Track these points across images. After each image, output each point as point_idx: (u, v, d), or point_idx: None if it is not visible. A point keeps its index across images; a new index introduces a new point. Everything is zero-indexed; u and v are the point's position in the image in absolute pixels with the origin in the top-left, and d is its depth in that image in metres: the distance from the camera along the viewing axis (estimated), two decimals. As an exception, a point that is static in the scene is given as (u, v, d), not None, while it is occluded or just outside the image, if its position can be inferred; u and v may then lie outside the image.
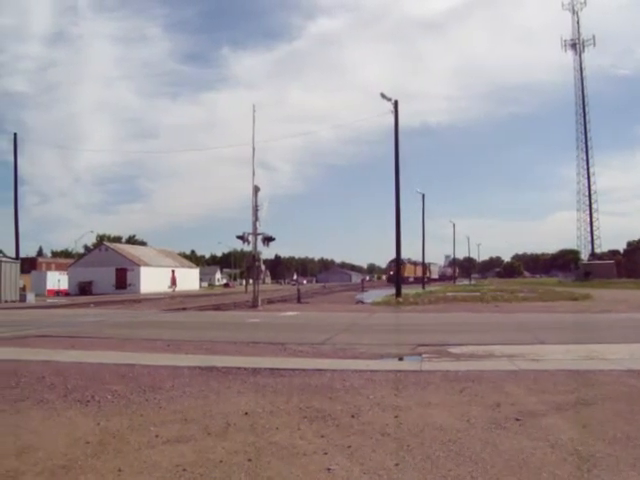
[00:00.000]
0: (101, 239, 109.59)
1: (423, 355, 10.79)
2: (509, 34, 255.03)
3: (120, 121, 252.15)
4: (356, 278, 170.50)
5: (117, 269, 71.72)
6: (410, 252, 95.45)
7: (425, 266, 77.90)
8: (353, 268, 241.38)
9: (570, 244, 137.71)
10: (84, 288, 66.90)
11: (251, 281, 32.52)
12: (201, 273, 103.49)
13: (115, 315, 25.07)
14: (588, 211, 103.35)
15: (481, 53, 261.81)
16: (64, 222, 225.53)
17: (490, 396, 6.97)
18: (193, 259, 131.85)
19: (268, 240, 30.71)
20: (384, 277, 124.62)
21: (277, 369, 9.03)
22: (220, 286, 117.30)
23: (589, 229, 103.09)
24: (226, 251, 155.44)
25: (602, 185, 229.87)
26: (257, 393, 7.34)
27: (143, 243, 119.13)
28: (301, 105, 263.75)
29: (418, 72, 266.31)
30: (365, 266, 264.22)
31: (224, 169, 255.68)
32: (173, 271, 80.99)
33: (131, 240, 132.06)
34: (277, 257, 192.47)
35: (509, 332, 14.94)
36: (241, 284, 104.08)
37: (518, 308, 25.10)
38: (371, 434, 5.39)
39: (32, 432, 5.59)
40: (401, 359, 10.79)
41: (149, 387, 7.71)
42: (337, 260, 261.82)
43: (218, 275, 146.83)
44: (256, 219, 29.96)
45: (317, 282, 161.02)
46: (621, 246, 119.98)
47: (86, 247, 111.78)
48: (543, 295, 36.29)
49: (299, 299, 35.93)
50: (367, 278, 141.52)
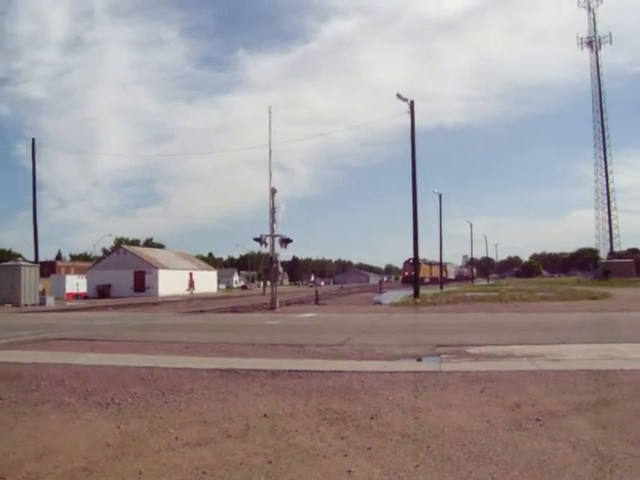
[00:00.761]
0: (119, 242, 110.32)
1: (442, 356, 10.73)
2: (524, 33, 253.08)
3: (137, 125, 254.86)
4: (374, 279, 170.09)
5: (135, 272, 72.11)
6: (427, 252, 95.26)
7: (442, 266, 77.63)
8: (371, 269, 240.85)
9: (589, 243, 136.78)
10: (103, 291, 67.30)
11: (269, 283, 32.53)
12: (219, 275, 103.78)
13: (133, 318, 25.22)
14: (607, 209, 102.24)
15: (496, 53, 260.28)
16: (82, 226, 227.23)
17: (510, 397, 6.91)
18: (211, 262, 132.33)
19: (285, 242, 30.71)
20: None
21: (296, 371, 9.02)
22: (238, 288, 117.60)
23: (608, 228, 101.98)
24: (243, 253, 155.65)
25: (620, 183, 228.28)
26: (276, 395, 7.34)
27: (161, 246, 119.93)
28: (316, 107, 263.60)
29: (433, 73, 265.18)
30: (383, 267, 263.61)
31: (241, 172, 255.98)
32: (191, 274, 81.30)
33: (149, 243, 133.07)
34: (294, 259, 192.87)
35: (528, 332, 14.83)
36: (259, 286, 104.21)
37: (537, 308, 24.93)
38: (391, 435, 5.37)
39: (52, 435, 5.63)
40: (420, 360, 10.73)
41: (168, 389, 7.73)
42: (354, 261, 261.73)
43: (236, 277, 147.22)
44: (273, 221, 29.98)
45: (334, 283, 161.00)
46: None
47: (104, 250, 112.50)
48: (562, 294, 36.00)
49: (317, 300, 35.93)
50: (385, 279, 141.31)
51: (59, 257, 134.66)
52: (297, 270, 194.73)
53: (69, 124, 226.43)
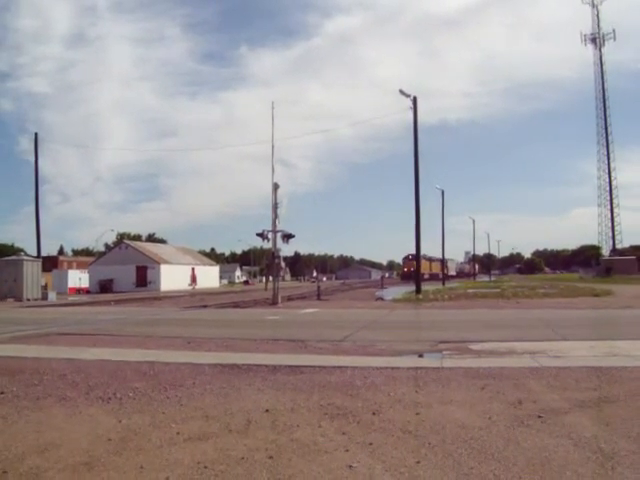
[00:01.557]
0: (121, 237, 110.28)
1: (444, 352, 10.73)
2: (528, 30, 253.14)
3: (139, 120, 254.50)
4: (376, 275, 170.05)
5: (137, 267, 72.08)
6: (429, 248, 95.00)
7: (443, 262, 77.62)
8: (373, 265, 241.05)
9: (591, 240, 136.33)
10: (105, 286, 67.40)
11: (271, 278, 32.46)
12: (221, 271, 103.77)
13: (136, 313, 25.25)
14: (609, 206, 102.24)
15: (500, 49, 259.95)
16: (85, 221, 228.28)
17: (512, 393, 6.91)
18: (213, 257, 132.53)
19: (288, 237, 30.66)
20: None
21: (297, 366, 9.03)
22: (240, 283, 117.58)
23: (610, 224, 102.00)
24: (246, 249, 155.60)
25: (623, 180, 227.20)
26: (278, 390, 7.34)
27: (163, 241, 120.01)
28: (319, 103, 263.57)
29: (437, 69, 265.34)
30: (385, 263, 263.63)
31: (244, 167, 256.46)
32: (193, 269, 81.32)
33: (151, 238, 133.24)
34: (297, 254, 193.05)
35: (530, 328, 14.82)
36: (261, 281, 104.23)
37: (539, 304, 24.89)
38: (392, 431, 5.37)
39: (54, 429, 5.64)
40: (422, 356, 10.73)
41: (170, 384, 7.74)
42: (356, 257, 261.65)
43: (238, 272, 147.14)
44: (276, 216, 29.94)
45: (337, 279, 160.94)
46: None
47: (107, 245, 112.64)
48: (564, 291, 35.96)
49: (319, 296, 35.92)
50: (387, 275, 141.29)
51: (61, 252, 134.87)
52: (299, 265, 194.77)
53: (72, 119, 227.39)
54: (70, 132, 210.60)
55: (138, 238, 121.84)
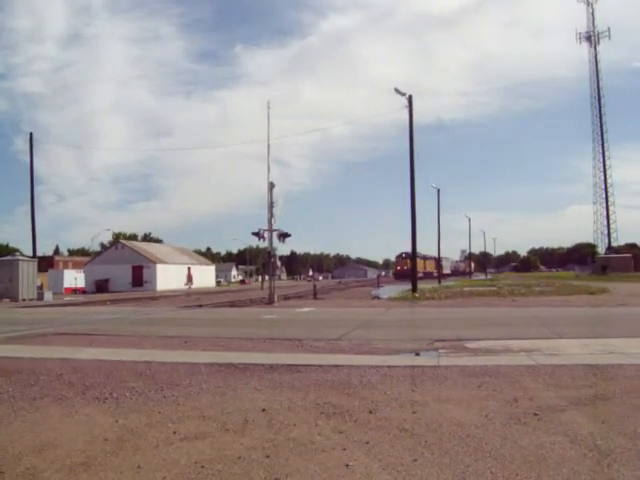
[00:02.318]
0: (117, 237, 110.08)
1: (440, 350, 10.74)
2: (523, 28, 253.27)
3: (135, 120, 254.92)
4: (372, 274, 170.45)
5: (133, 267, 72.06)
6: (424, 247, 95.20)
7: (437, 261, 77.62)
8: (369, 264, 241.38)
9: (587, 238, 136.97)
10: (101, 286, 67.36)
11: (267, 277, 32.50)
12: (217, 270, 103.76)
13: (132, 312, 25.23)
14: (604, 204, 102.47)
15: (495, 48, 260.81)
16: (80, 221, 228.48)
17: (508, 391, 6.92)
18: (209, 256, 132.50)
19: (284, 236, 30.65)
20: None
21: (294, 365, 9.03)
22: (236, 283, 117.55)
23: (606, 222, 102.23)
24: (242, 248, 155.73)
25: (618, 178, 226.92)
26: (274, 389, 7.34)
27: (159, 241, 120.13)
28: (315, 102, 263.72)
29: (432, 68, 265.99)
30: (381, 262, 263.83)
31: (239, 166, 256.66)
32: (189, 268, 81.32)
33: (147, 238, 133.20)
34: (293, 253, 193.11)
35: (526, 326, 14.84)
36: (257, 280, 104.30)
37: (535, 302, 24.93)
38: (389, 430, 5.37)
39: (51, 429, 5.63)
40: (418, 354, 10.73)
41: (167, 384, 7.73)
42: (353, 256, 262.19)
43: (234, 272, 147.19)
44: (271, 215, 29.92)
45: (333, 278, 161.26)
46: (638, 239, 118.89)
47: (102, 245, 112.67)
48: (560, 289, 36.04)
49: (315, 295, 35.92)
50: (383, 274, 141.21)
51: (57, 252, 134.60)
52: (295, 265, 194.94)
53: (67, 119, 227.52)
54: (65, 132, 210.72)
55: (134, 238, 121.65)
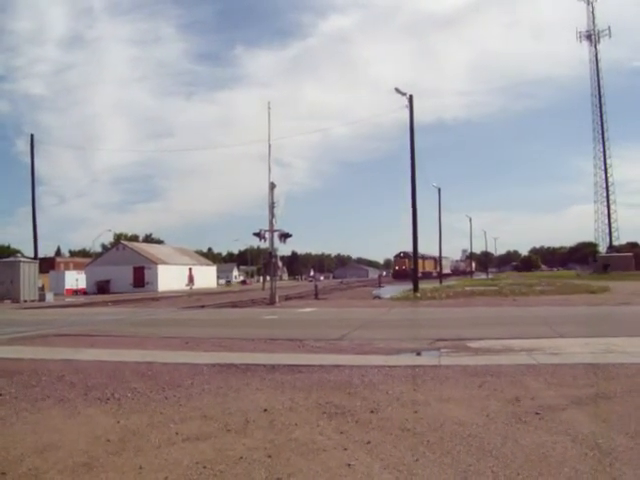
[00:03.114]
0: (118, 238, 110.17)
1: (441, 350, 10.75)
2: (524, 28, 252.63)
3: (136, 121, 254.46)
4: (373, 274, 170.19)
5: (134, 267, 71.95)
6: (426, 247, 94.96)
7: (436, 260, 77.42)
8: (370, 264, 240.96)
9: (588, 237, 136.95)
10: (102, 287, 67.30)
11: (268, 278, 32.48)
12: (218, 270, 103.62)
13: (133, 313, 25.23)
14: (606, 203, 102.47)
15: (496, 48, 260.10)
16: (82, 222, 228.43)
17: (509, 390, 6.93)
18: (210, 257, 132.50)
19: (285, 237, 30.64)
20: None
21: (295, 365, 9.03)
22: (237, 283, 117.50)
23: (607, 221, 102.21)
24: (243, 248, 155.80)
25: (619, 177, 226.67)
26: (276, 390, 7.35)
27: (160, 241, 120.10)
28: (315, 102, 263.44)
29: (432, 68, 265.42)
30: (382, 261, 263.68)
31: (240, 167, 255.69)
32: (190, 269, 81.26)
33: (148, 239, 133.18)
34: (294, 253, 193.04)
35: (527, 326, 14.83)
36: (258, 281, 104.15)
37: (536, 301, 24.92)
38: (391, 429, 5.38)
39: (53, 430, 5.64)
40: (419, 354, 10.74)
41: (168, 385, 7.74)
42: (354, 256, 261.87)
43: (235, 272, 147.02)
44: (272, 216, 29.89)
45: (334, 278, 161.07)
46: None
47: (103, 246, 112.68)
48: (561, 288, 36.00)
49: (316, 295, 35.90)
50: (384, 273, 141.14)
51: (58, 253, 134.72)
52: (296, 265, 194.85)
53: (69, 120, 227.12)
54: (67, 134, 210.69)
55: (135, 239, 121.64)
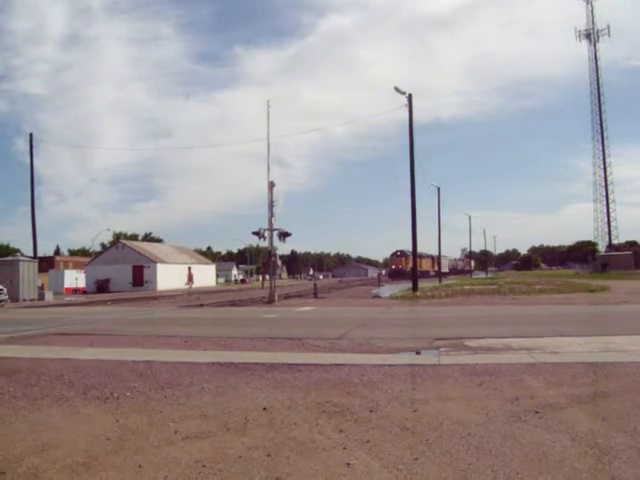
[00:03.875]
0: (117, 237, 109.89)
1: (441, 349, 10.75)
2: (521, 27, 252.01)
3: (135, 121, 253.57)
4: (372, 273, 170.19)
5: (134, 266, 71.97)
6: (425, 245, 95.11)
7: (433, 259, 77.35)
8: (369, 263, 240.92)
9: (587, 236, 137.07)
10: (101, 286, 67.39)
11: (267, 277, 32.47)
12: (217, 269, 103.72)
13: (132, 312, 25.23)
14: (605, 202, 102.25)
15: (494, 47, 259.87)
16: (81, 221, 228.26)
17: (509, 389, 6.93)
18: (209, 255, 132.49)
19: (284, 236, 30.67)
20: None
21: (294, 364, 9.03)
22: (237, 282, 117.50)
23: (606, 220, 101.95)
24: (242, 247, 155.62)
25: (618, 176, 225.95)
26: (275, 389, 7.35)
27: (159, 240, 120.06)
28: (314, 102, 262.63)
29: (431, 68, 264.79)
30: (381, 260, 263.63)
31: (239, 166, 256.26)
32: (189, 268, 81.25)
33: (147, 238, 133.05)
34: (293, 252, 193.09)
35: (526, 324, 14.84)
36: (257, 280, 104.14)
37: (535, 300, 24.93)
38: (390, 428, 5.38)
39: (52, 429, 5.64)
40: (419, 353, 10.74)
41: (167, 384, 7.74)
42: (353, 255, 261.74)
43: (234, 271, 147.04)
44: (272, 215, 29.93)
45: (333, 277, 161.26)
46: (639, 237, 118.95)
47: (103, 245, 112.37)
48: (560, 287, 35.98)
49: (315, 294, 35.89)
50: (383, 272, 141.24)
51: (58, 252, 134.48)
52: (296, 264, 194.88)
53: (68, 120, 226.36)
54: (66, 133, 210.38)
55: (134, 238, 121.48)
